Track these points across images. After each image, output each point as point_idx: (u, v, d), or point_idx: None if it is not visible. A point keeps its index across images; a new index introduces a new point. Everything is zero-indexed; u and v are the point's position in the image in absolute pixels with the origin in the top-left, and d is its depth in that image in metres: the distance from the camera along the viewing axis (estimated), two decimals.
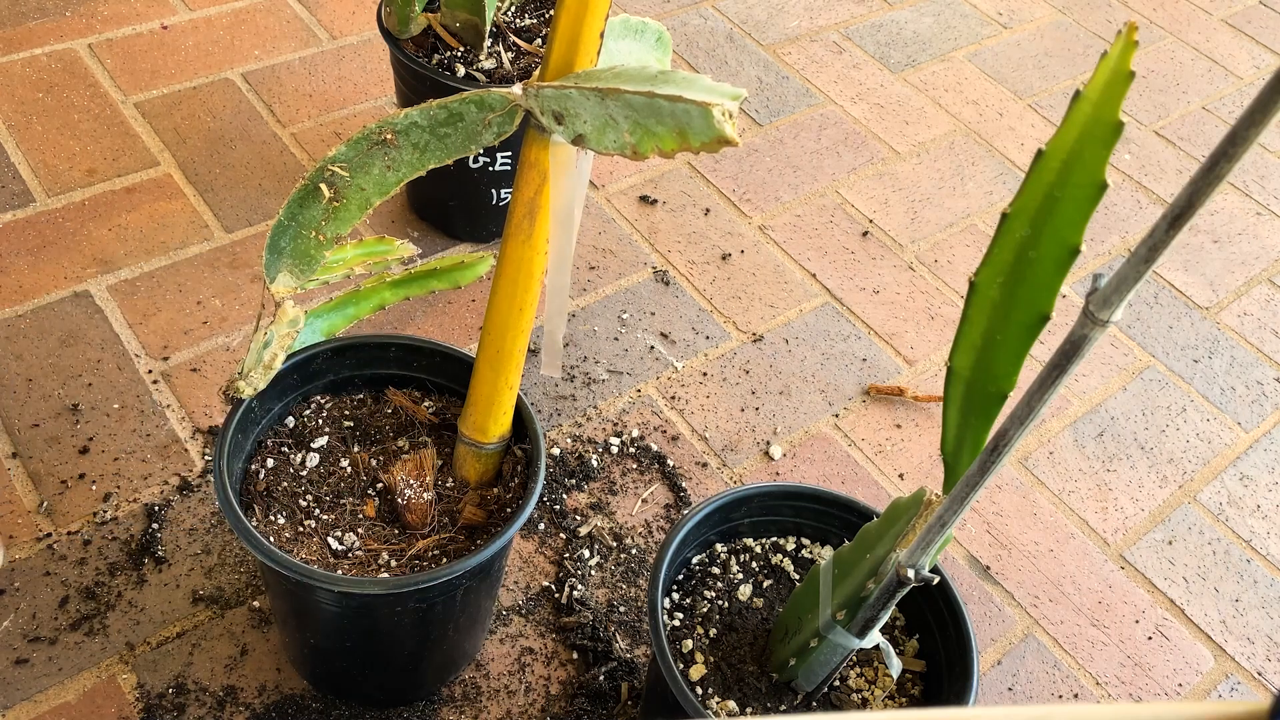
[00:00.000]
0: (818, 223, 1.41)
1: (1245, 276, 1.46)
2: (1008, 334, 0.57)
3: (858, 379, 1.23)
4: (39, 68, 1.38)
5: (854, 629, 0.70)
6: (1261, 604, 1.11)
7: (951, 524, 0.61)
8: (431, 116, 0.70)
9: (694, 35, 1.65)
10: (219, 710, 0.88)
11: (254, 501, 0.81)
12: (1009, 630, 1.05)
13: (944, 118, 1.60)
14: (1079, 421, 1.24)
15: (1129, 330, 1.36)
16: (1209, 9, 1.94)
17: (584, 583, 1.00)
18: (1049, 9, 1.86)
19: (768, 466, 1.13)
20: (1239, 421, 1.28)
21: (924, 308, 1.33)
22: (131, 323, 1.13)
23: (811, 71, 1.63)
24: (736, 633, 0.79)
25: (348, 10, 1.55)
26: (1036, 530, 1.13)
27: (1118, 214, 1.51)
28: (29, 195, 1.23)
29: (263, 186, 1.29)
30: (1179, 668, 1.04)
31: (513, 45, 1.22)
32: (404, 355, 0.88)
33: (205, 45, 1.45)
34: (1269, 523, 1.18)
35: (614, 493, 1.08)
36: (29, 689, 0.87)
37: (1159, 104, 1.71)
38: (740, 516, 0.84)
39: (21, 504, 0.97)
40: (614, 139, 0.65)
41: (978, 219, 1.46)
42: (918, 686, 0.80)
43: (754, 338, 1.25)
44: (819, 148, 1.51)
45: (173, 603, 0.93)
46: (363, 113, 1.41)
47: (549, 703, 0.92)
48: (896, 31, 1.74)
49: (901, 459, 1.16)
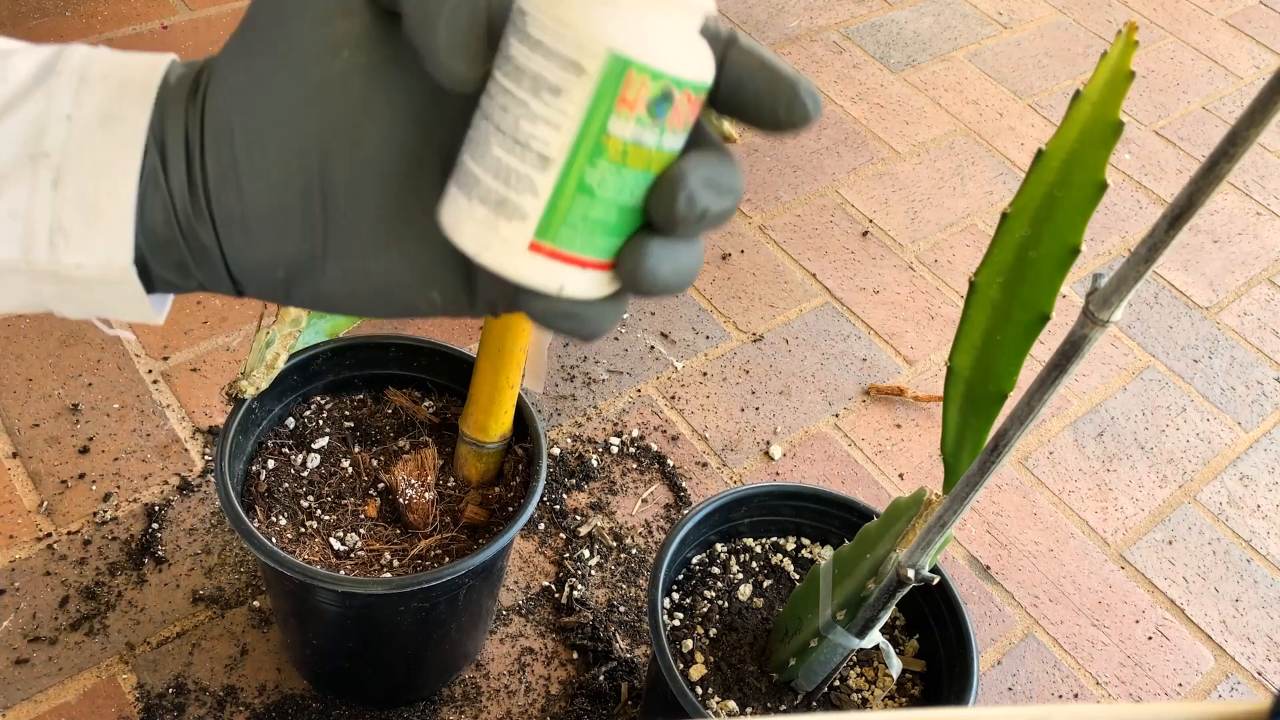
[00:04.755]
0: (818, 223, 1.41)
1: (1245, 276, 1.46)
2: (1008, 334, 0.57)
3: (858, 379, 1.23)
4: None
5: (854, 629, 0.70)
6: (1261, 604, 1.11)
7: (951, 524, 0.61)
8: None
9: None
10: (219, 710, 0.88)
11: (255, 502, 0.81)
12: (1009, 630, 1.05)
13: (944, 118, 1.60)
14: (1079, 421, 1.24)
15: (1129, 330, 1.36)
16: (1209, 9, 1.94)
17: (584, 583, 1.00)
18: (1049, 9, 1.86)
19: (768, 466, 1.13)
20: (1239, 421, 1.28)
21: (924, 308, 1.33)
22: (131, 322, 1.13)
23: (811, 71, 1.63)
24: (736, 633, 0.79)
25: None
26: (1036, 530, 1.13)
27: (1118, 214, 1.51)
28: None
29: None
30: (1179, 668, 1.04)
31: None
32: (404, 355, 0.88)
33: (205, 45, 1.45)
34: (1269, 523, 1.18)
35: (614, 492, 1.08)
36: (29, 689, 0.87)
37: (1159, 104, 1.71)
38: (740, 516, 0.84)
39: (21, 504, 0.97)
40: None
41: (978, 219, 1.46)
42: (918, 686, 0.80)
43: (754, 338, 1.25)
44: (819, 148, 1.51)
45: (173, 603, 0.93)
46: None
47: (549, 703, 0.92)
48: (896, 31, 1.74)
49: (901, 459, 1.16)
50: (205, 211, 0.31)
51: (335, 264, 0.32)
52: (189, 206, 0.31)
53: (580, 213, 0.29)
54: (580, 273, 0.30)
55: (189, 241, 0.32)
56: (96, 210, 0.31)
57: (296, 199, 0.31)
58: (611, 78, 0.28)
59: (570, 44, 0.28)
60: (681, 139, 0.29)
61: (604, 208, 0.29)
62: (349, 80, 0.30)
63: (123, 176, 0.31)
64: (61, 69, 0.31)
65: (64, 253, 0.31)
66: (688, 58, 0.28)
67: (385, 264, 0.32)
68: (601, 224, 0.29)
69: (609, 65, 0.27)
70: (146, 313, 0.33)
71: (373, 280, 0.33)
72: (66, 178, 0.30)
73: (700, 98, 0.29)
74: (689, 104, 0.29)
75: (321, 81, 0.30)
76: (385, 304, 0.33)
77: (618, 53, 0.27)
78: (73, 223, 0.31)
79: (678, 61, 0.28)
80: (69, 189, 0.30)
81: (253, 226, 0.31)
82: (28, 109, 0.31)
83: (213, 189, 0.31)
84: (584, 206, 0.29)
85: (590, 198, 0.29)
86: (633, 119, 0.28)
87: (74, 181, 0.31)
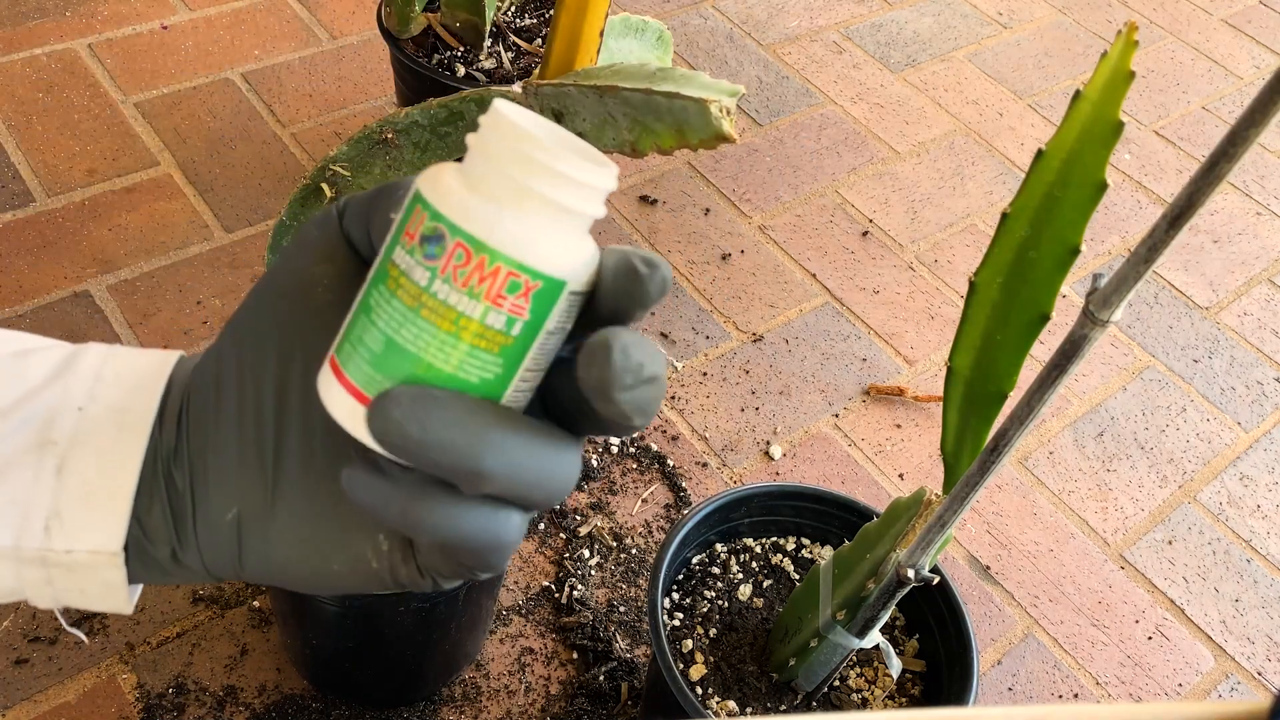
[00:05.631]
0: (818, 223, 1.41)
1: (1245, 276, 1.46)
2: (1008, 334, 0.57)
3: (858, 379, 1.23)
4: (39, 68, 1.38)
5: (854, 629, 0.69)
6: (1261, 604, 1.11)
7: (951, 524, 0.61)
8: (432, 115, 0.71)
9: (694, 35, 1.65)
10: (219, 710, 0.88)
11: None
12: (1009, 630, 1.05)
13: (944, 118, 1.60)
14: (1079, 421, 1.24)
15: (1129, 330, 1.36)
16: (1209, 9, 1.94)
17: (584, 583, 1.00)
18: (1049, 9, 1.86)
19: (768, 466, 1.13)
20: (1239, 421, 1.28)
21: (924, 308, 1.33)
22: (131, 323, 1.13)
23: (811, 71, 1.63)
24: (736, 633, 0.79)
25: (348, 10, 1.55)
26: (1036, 530, 1.13)
27: (1118, 214, 1.51)
28: (29, 195, 1.23)
29: (263, 186, 1.29)
30: (1179, 668, 1.04)
31: (512, 45, 1.22)
32: None
33: (205, 45, 1.45)
34: (1269, 523, 1.18)
35: (614, 492, 1.08)
36: (29, 689, 0.87)
37: (1159, 104, 1.71)
38: (740, 516, 0.84)
39: None
40: (613, 136, 0.65)
41: (978, 219, 1.46)
42: (918, 686, 0.80)
43: (754, 338, 1.25)
44: (819, 148, 1.51)
45: (173, 602, 0.93)
46: (363, 113, 1.41)
47: (549, 703, 0.92)
48: (896, 31, 1.74)
49: (901, 459, 1.16)
50: (184, 457, 0.32)
51: (285, 504, 0.32)
52: (173, 460, 0.32)
53: (358, 332, 0.29)
54: (348, 399, 0.29)
55: (169, 494, 0.32)
56: (95, 495, 0.31)
57: (254, 430, 0.32)
58: (409, 209, 0.29)
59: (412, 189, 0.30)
60: (479, 306, 0.28)
61: (374, 335, 0.29)
62: (324, 312, 0.32)
63: (127, 459, 0.32)
64: (78, 368, 0.33)
65: (57, 538, 0.31)
66: (487, 219, 0.28)
67: (332, 501, 0.32)
68: (371, 351, 0.29)
69: (412, 197, 0.29)
70: (121, 601, 0.33)
71: (319, 524, 0.32)
72: (70, 464, 0.31)
73: (510, 273, 0.28)
74: (472, 261, 0.28)
75: (302, 312, 0.32)
76: (331, 556, 0.32)
77: (418, 188, 0.29)
78: (70, 509, 0.31)
79: (463, 212, 0.28)
80: (71, 475, 0.31)
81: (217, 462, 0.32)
82: (42, 401, 0.32)
83: (192, 428, 0.32)
84: (361, 326, 0.29)
85: (368, 317, 0.29)
86: (408, 249, 0.29)
87: (77, 467, 0.31)
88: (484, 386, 0.29)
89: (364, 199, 0.32)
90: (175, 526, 0.32)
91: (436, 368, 0.29)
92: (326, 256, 0.32)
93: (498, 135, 0.29)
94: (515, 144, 0.28)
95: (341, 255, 0.32)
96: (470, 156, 0.30)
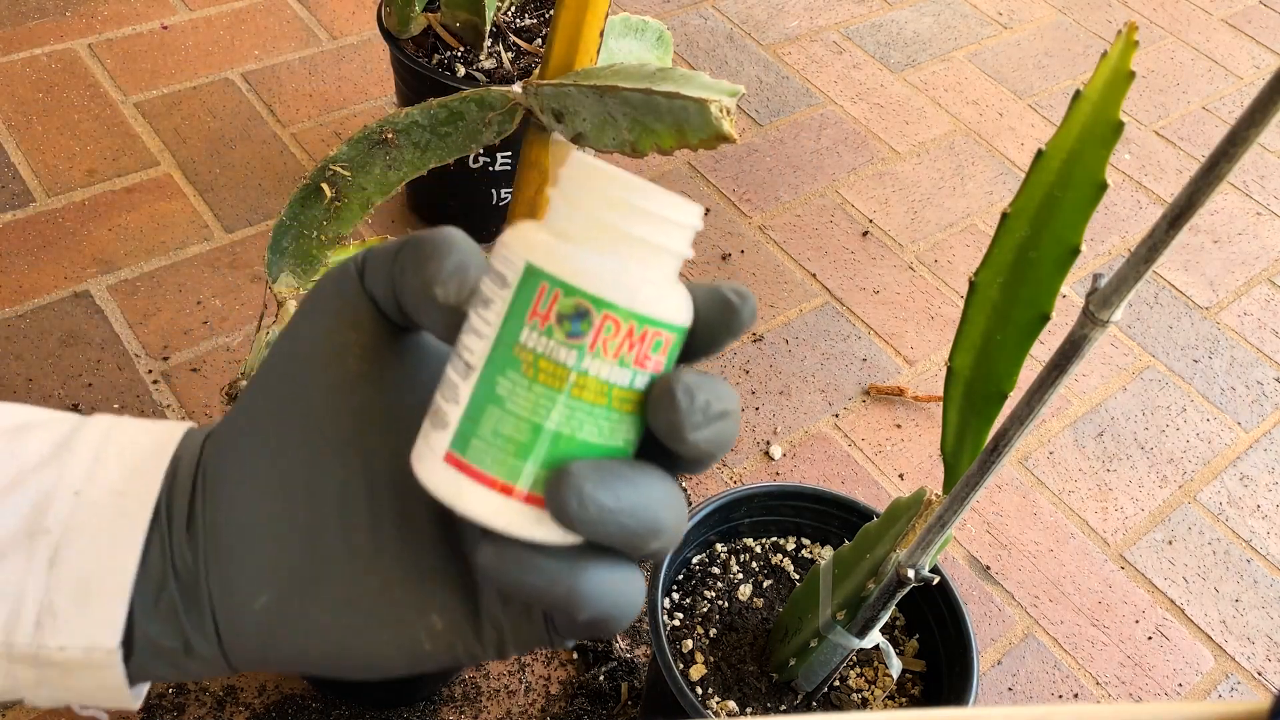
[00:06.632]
0: (818, 223, 1.41)
1: (1245, 276, 1.46)
2: (1008, 334, 0.57)
3: (858, 379, 1.23)
4: (39, 68, 1.38)
5: (854, 629, 0.69)
6: (1261, 604, 1.11)
7: (951, 524, 0.61)
8: (432, 115, 0.71)
9: (694, 35, 1.65)
10: (219, 710, 0.88)
11: None
12: (1009, 630, 1.05)
13: (944, 118, 1.60)
14: (1079, 421, 1.24)
15: (1129, 330, 1.36)
16: (1209, 9, 1.94)
17: None
18: (1049, 9, 1.86)
19: (768, 466, 1.13)
20: (1239, 421, 1.28)
21: (924, 308, 1.33)
22: (131, 323, 1.13)
23: (811, 71, 1.63)
24: (736, 633, 0.79)
25: (348, 10, 1.55)
26: (1036, 530, 1.13)
27: (1118, 214, 1.51)
28: (29, 195, 1.23)
29: (263, 186, 1.29)
30: (1179, 668, 1.04)
31: (513, 45, 1.22)
32: None
33: (205, 45, 1.45)
34: (1269, 523, 1.18)
35: None
36: None
37: (1159, 104, 1.71)
38: (740, 516, 0.84)
39: None
40: (613, 136, 0.65)
41: (978, 219, 1.46)
42: (918, 686, 0.80)
43: (754, 338, 1.25)
44: (819, 148, 1.51)
45: None
46: (363, 113, 1.41)
47: (549, 703, 0.92)
48: (896, 31, 1.74)
49: (901, 459, 1.16)
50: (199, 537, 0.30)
51: (325, 585, 0.30)
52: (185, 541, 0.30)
53: (491, 425, 0.28)
54: (487, 493, 0.28)
55: (180, 578, 0.30)
56: (90, 589, 0.30)
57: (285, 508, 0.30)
58: (526, 287, 0.28)
59: (504, 261, 0.28)
60: (628, 373, 0.28)
61: (515, 424, 0.28)
62: (358, 384, 0.31)
63: (125, 548, 0.30)
64: (76, 446, 0.31)
65: (49, 634, 0.30)
66: (626, 284, 0.28)
67: (379, 579, 0.30)
68: (513, 442, 0.28)
69: (524, 274, 0.28)
70: (124, 698, 0.31)
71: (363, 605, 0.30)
72: (64, 554, 0.30)
73: (655, 333, 0.28)
74: (621, 330, 0.28)
75: (334, 381, 0.30)
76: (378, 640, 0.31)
77: (531, 263, 0.28)
78: (64, 603, 0.30)
79: (600, 282, 0.27)
80: (65, 567, 0.30)
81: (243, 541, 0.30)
82: (35, 484, 0.30)
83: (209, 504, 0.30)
84: (495, 419, 0.28)
85: (501, 409, 0.28)
86: (542, 331, 0.28)
87: (71, 559, 0.30)
88: (627, 447, 0.29)
89: (385, 256, 0.30)
90: (186, 616, 0.30)
91: (591, 442, 0.28)
92: (353, 323, 0.30)
93: (593, 189, 0.28)
94: (623, 195, 0.28)
95: (368, 319, 0.31)
96: (568, 214, 0.29)
